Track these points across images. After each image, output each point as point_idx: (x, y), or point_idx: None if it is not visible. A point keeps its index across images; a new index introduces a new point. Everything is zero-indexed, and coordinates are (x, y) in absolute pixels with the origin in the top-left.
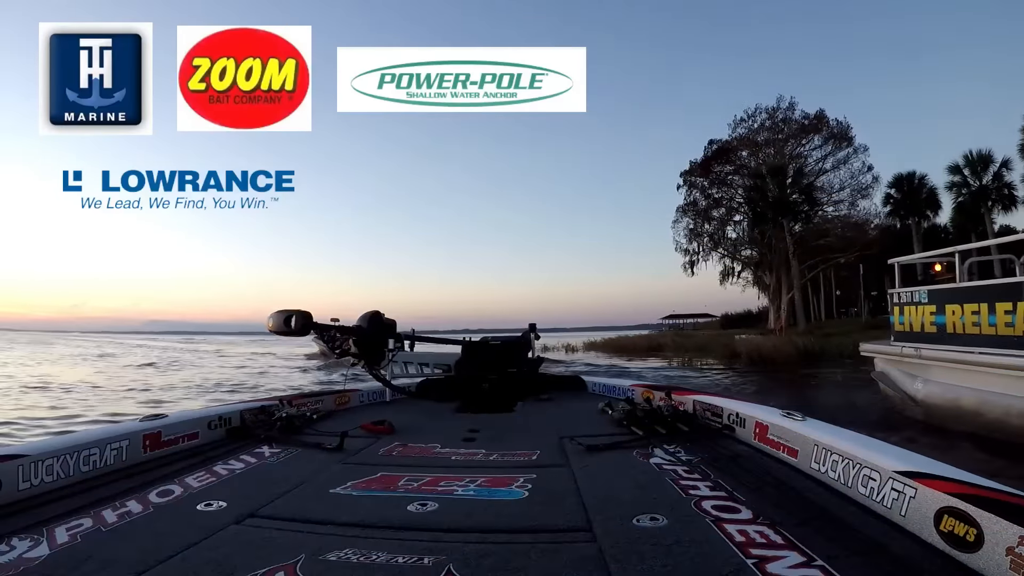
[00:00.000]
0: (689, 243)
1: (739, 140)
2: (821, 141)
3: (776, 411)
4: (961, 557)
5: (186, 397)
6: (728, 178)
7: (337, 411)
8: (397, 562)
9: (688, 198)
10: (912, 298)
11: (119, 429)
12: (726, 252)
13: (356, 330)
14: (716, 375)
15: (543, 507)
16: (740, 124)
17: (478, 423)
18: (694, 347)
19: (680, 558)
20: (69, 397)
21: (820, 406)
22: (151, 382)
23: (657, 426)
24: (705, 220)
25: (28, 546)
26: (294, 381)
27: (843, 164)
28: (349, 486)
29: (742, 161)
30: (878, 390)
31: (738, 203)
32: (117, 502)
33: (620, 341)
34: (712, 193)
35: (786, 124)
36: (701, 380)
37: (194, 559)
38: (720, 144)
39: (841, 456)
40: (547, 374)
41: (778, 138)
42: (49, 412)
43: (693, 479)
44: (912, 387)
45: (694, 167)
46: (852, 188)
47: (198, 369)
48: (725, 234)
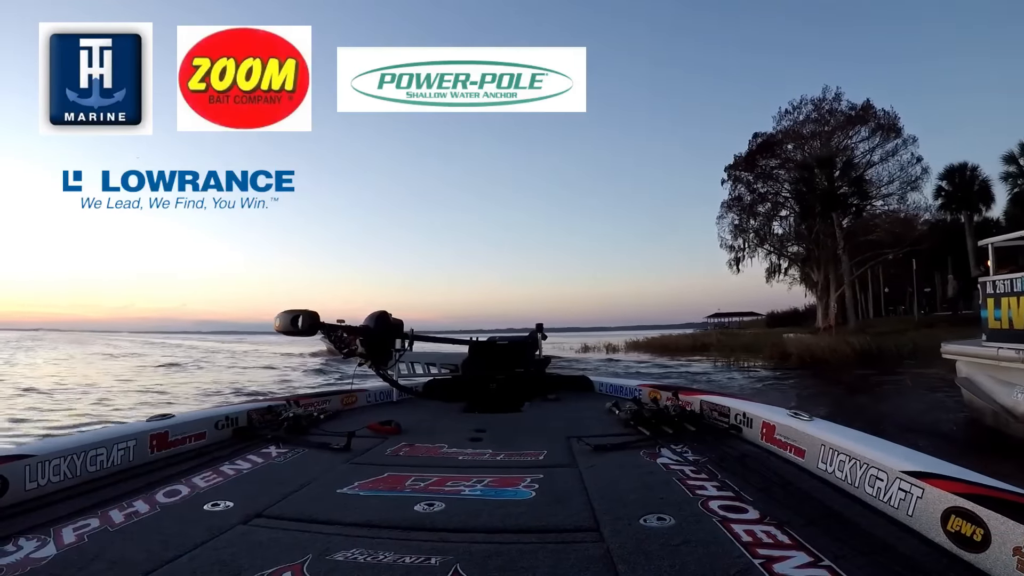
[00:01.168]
0: (734, 239)
1: (784, 133)
2: (868, 132)
3: (783, 411)
4: (968, 557)
5: (174, 401)
6: (773, 172)
7: (344, 411)
8: (404, 562)
9: (733, 193)
10: (1014, 287)
11: (126, 429)
12: (772, 248)
13: (363, 330)
14: (764, 378)
15: (550, 507)
16: (785, 116)
17: (485, 423)
18: (740, 346)
19: (687, 558)
20: (50, 401)
21: (894, 421)
22: (149, 383)
23: (664, 426)
24: (750, 215)
25: (35, 546)
26: (309, 381)
27: (891, 156)
28: (356, 486)
29: (787, 154)
30: (960, 398)
31: (784, 197)
32: (124, 502)
33: (663, 340)
34: (757, 187)
35: (832, 115)
36: (747, 384)
37: (201, 559)
38: (765, 137)
39: (848, 456)
40: (554, 374)
41: (824, 130)
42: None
43: (700, 479)
44: (1009, 398)
45: (738, 161)
46: (901, 181)
47: (216, 373)
48: (771, 230)
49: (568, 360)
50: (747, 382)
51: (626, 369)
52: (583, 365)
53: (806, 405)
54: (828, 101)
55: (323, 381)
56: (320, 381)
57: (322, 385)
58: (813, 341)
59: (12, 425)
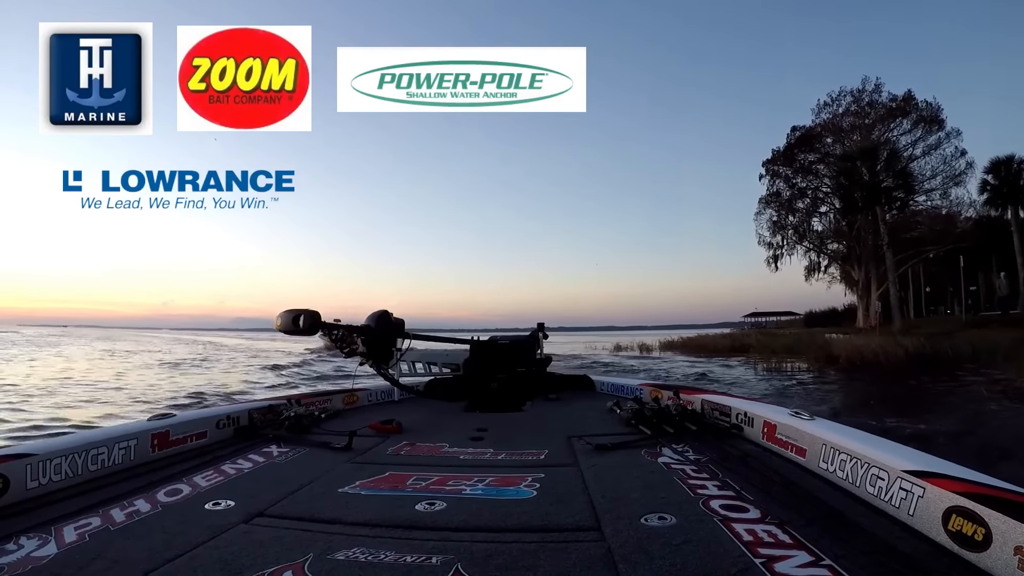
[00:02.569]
0: (772, 236)
1: (823, 126)
2: (910, 125)
3: (784, 410)
4: (969, 556)
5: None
6: (812, 167)
7: (345, 410)
8: (405, 561)
9: (771, 188)
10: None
11: (127, 428)
12: (812, 245)
13: (365, 329)
14: (809, 383)
15: (551, 506)
16: (824, 109)
17: (486, 422)
18: (781, 348)
19: (688, 557)
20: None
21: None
22: (132, 383)
23: (665, 425)
24: (789, 212)
25: (36, 545)
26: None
27: (934, 150)
28: (357, 485)
29: (827, 148)
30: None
31: (824, 193)
32: (125, 501)
33: (700, 340)
34: (796, 182)
35: (872, 107)
36: (796, 392)
37: (202, 558)
38: (803, 131)
39: (849, 455)
40: (555, 373)
41: (864, 123)
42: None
43: (701, 478)
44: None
45: (776, 155)
46: (944, 175)
47: (215, 372)
48: (810, 226)
49: (605, 363)
50: (791, 389)
51: (647, 369)
52: (593, 367)
53: (874, 426)
54: (867, 92)
55: (283, 384)
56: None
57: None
58: (863, 342)
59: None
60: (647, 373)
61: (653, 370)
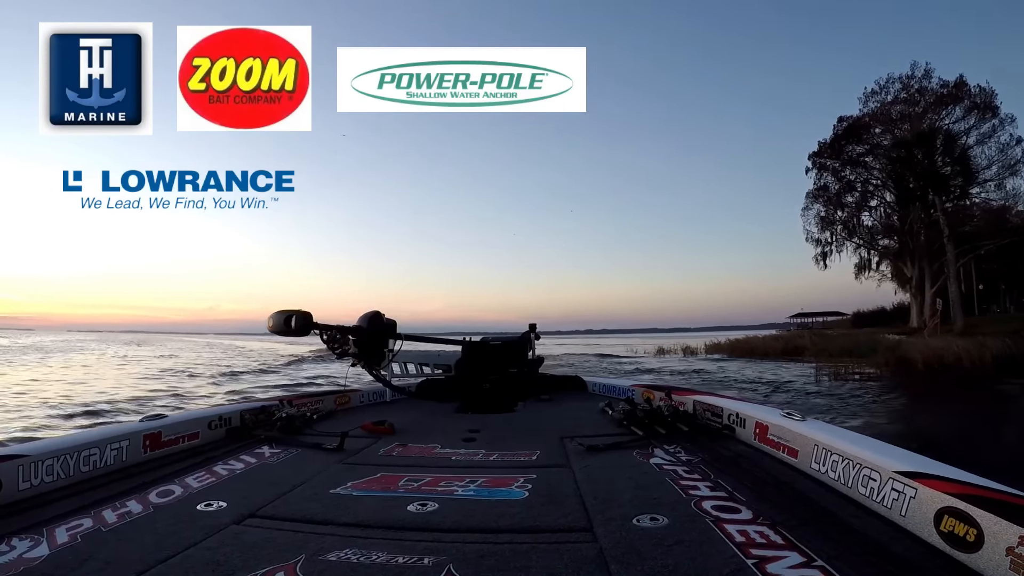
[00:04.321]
0: (821, 232)
1: (871, 116)
2: (962, 112)
3: (776, 411)
4: (961, 557)
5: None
6: (861, 159)
7: (337, 411)
8: (397, 562)
9: (818, 182)
10: None
11: (119, 429)
12: (862, 241)
13: (356, 330)
14: (899, 394)
15: (544, 507)
16: (871, 97)
17: (478, 423)
18: (838, 349)
19: (680, 558)
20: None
21: None
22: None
23: (657, 426)
24: (837, 206)
25: (28, 546)
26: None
27: (988, 138)
28: (349, 486)
29: (875, 139)
30: None
31: (874, 186)
32: (117, 502)
33: (749, 342)
34: (845, 175)
35: (922, 94)
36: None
37: (194, 559)
38: (850, 121)
39: (841, 456)
40: (547, 374)
41: (914, 111)
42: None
43: (693, 479)
44: None
45: (823, 148)
46: (1000, 165)
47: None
48: (860, 221)
49: (651, 369)
50: (889, 403)
51: (704, 378)
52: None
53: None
54: (917, 79)
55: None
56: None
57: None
58: (942, 344)
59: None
60: (703, 379)
61: (714, 377)
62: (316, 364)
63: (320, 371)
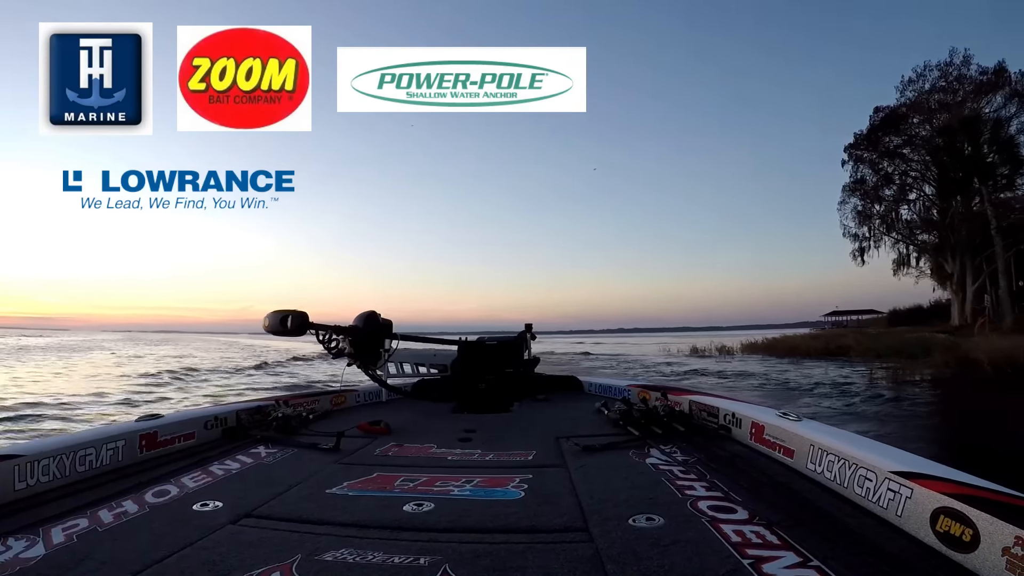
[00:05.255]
0: (858, 227)
1: (908, 105)
2: (1003, 100)
3: (772, 411)
4: (957, 557)
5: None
6: (899, 151)
7: (333, 411)
8: (393, 562)
9: (855, 175)
10: None
11: (115, 429)
12: (900, 236)
13: (352, 330)
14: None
15: (539, 507)
16: (909, 86)
17: (474, 423)
18: (885, 349)
19: (676, 558)
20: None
21: None
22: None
23: (653, 426)
24: (875, 200)
25: (24, 546)
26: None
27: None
28: (345, 486)
29: (913, 130)
30: None
31: (912, 178)
32: (113, 502)
33: (787, 341)
34: (883, 167)
35: (961, 83)
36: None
37: (190, 559)
38: (887, 111)
39: (837, 456)
40: (543, 374)
41: (953, 100)
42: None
43: (689, 479)
44: None
45: (859, 139)
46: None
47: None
48: (899, 215)
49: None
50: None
51: (754, 381)
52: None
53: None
54: (956, 66)
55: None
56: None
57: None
58: (1009, 344)
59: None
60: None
61: (762, 378)
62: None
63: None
